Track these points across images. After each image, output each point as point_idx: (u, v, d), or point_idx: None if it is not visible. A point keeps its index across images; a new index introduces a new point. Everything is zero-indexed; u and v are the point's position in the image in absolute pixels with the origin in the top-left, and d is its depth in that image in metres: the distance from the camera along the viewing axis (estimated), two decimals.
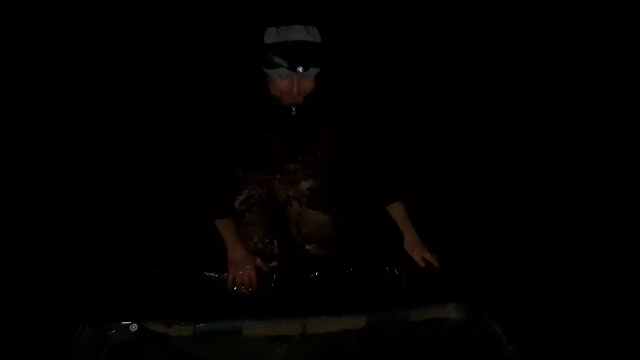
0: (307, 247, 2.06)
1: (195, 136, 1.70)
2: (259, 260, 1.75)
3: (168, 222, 2.20)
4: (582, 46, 2.43)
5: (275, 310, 1.55)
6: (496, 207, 2.44)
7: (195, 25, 2.34)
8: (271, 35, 1.49)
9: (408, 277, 1.69)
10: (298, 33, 1.50)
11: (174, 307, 1.54)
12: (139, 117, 2.35)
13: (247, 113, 1.65)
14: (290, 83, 1.53)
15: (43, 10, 2.15)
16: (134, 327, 1.47)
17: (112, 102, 2.31)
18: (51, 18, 2.16)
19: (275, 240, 2.00)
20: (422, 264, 1.75)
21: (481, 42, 2.48)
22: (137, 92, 2.33)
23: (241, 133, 1.68)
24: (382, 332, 1.56)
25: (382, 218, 1.88)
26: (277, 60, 1.49)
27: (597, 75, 2.46)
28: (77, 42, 2.17)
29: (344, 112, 1.75)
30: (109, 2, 2.21)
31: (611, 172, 2.44)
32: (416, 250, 1.77)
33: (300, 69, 1.50)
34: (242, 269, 1.69)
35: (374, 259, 1.75)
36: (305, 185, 2.02)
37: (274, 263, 1.98)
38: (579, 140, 2.53)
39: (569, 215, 2.30)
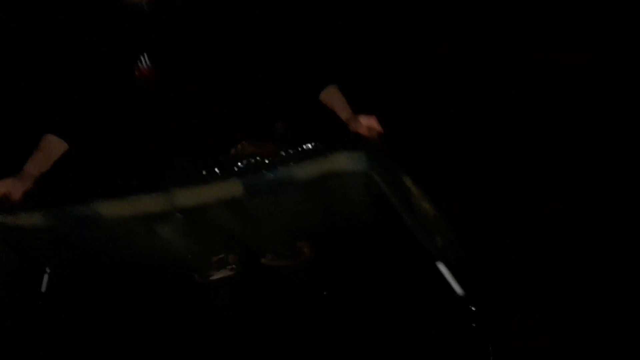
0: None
1: None
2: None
3: None
4: (582, 46, 2.43)
5: (135, 187, 1.38)
6: (496, 207, 2.44)
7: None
8: None
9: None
10: None
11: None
12: (139, 117, 2.35)
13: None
14: None
15: (43, 10, 2.15)
16: None
17: (112, 102, 2.31)
18: (51, 18, 2.16)
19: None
20: (371, 132, 1.52)
21: (481, 42, 2.48)
22: (137, 92, 2.33)
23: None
24: (269, 197, 1.33)
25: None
26: None
27: (597, 75, 2.46)
28: (77, 42, 2.17)
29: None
30: (109, 2, 2.20)
31: (611, 172, 2.44)
32: (358, 120, 1.53)
33: None
34: (18, 184, 1.52)
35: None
36: None
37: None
38: (578, 140, 2.53)
39: (569, 215, 2.30)
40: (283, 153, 1.32)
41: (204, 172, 1.34)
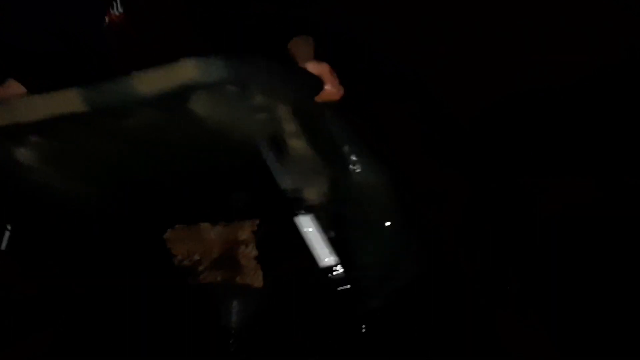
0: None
1: None
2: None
3: None
4: (582, 46, 2.43)
5: None
6: (496, 207, 2.44)
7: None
8: None
9: None
10: None
11: None
12: None
13: None
14: None
15: (43, 10, 2.15)
16: None
17: None
18: (51, 18, 2.16)
19: None
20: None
21: (481, 42, 2.48)
22: None
23: None
24: (119, 116, 1.11)
25: None
26: None
27: (597, 75, 2.46)
28: (77, 42, 2.17)
29: None
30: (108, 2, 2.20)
31: (611, 171, 2.44)
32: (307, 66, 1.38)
33: None
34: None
35: None
36: None
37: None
38: (578, 140, 2.53)
39: (569, 215, 2.30)
40: None
41: None
